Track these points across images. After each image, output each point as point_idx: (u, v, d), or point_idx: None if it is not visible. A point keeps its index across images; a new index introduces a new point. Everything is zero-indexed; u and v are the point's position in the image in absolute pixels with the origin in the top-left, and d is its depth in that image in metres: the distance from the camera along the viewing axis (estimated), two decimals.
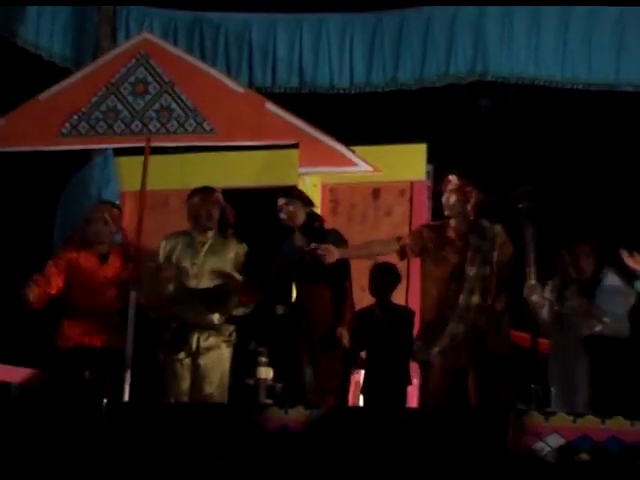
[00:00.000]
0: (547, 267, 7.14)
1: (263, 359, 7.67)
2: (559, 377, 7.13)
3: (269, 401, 7.51)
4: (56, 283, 7.60)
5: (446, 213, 6.99)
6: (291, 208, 7.50)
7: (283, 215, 7.51)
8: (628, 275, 7.13)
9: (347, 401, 7.51)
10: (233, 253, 7.58)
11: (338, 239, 7.35)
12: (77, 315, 7.57)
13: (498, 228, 6.93)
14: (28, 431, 5.88)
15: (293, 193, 7.57)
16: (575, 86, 9.02)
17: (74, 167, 8.94)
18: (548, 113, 9.15)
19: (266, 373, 7.72)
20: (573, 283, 7.07)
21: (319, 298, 7.36)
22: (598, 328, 6.99)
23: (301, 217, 7.51)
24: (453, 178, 6.98)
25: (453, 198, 6.94)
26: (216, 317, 7.49)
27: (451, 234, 6.97)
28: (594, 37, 8.98)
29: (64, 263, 7.64)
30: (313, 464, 5.45)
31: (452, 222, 6.99)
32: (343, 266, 7.32)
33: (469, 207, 6.93)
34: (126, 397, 7.33)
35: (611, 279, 7.14)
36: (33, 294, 7.40)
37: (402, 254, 7.07)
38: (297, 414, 5.60)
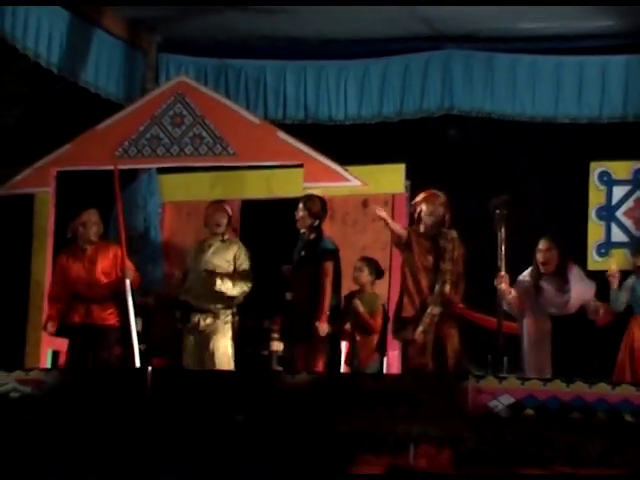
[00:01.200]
0: (520, 260, 7.24)
1: (275, 335, 7.70)
2: (530, 349, 7.17)
3: (279, 368, 7.55)
4: (60, 293, 7.66)
5: (423, 221, 7.11)
6: (300, 214, 7.48)
7: (296, 217, 7.48)
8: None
9: (337, 368, 7.50)
10: (233, 254, 7.59)
11: (331, 245, 7.40)
12: (79, 300, 7.59)
13: (454, 233, 7.12)
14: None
15: (307, 202, 7.49)
16: (522, 118, 9.08)
17: (124, 182, 8.97)
18: (503, 140, 9.16)
19: (277, 346, 7.76)
20: (546, 275, 7.14)
21: (296, 292, 7.36)
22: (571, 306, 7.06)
23: (305, 224, 7.48)
24: (429, 193, 7.07)
25: (428, 210, 7.07)
26: (213, 303, 7.52)
27: (426, 237, 7.11)
28: (537, 79, 9.03)
29: (58, 271, 7.71)
30: (315, 417, 5.49)
31: (426, 228, 7.10)
32: (328, 264, 7.28)
33: (440, 218, 7.08)
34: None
35: (577, 271, 7.20)
36: (52, 329, 7.60)
37: (404, 244, 7.12)
38: (302, 378, 5.66)
